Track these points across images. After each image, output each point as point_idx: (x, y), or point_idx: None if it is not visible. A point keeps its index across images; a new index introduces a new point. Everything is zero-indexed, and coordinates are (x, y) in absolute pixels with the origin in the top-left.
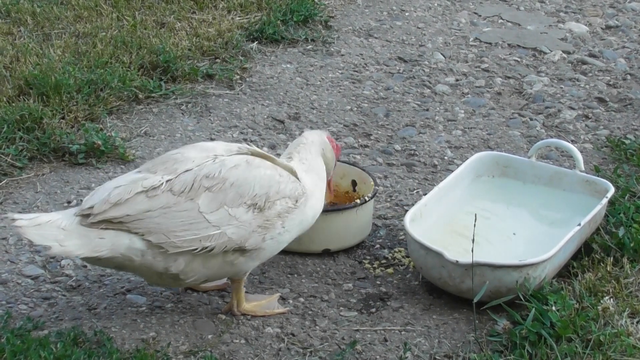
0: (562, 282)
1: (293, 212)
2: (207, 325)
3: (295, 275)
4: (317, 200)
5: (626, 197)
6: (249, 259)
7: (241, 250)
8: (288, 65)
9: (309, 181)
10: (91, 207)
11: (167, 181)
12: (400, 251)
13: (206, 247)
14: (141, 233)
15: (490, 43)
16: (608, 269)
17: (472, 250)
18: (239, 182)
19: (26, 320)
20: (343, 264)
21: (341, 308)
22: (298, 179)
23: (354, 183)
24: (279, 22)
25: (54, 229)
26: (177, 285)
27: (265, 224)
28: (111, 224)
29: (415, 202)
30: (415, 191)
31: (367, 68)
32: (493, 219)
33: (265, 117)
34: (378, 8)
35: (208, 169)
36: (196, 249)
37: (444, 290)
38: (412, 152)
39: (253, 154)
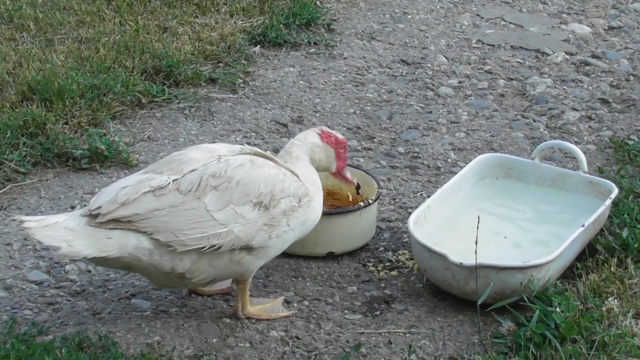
0: (567, 284)
1: (297, 211)
2: (212, 329)
3: (300, 279)
4: (317, 204)
5: (630, 198)
6: (256, 258)
7: (248, 249)
8: (291, 69)
9: (310, 186)
10: (99, 208)
11: (173, 181)
12: (404, 254)
13: (214, 245)
14: (149, 232)
15: (492, 45)
16: (612, 270)
17: (476, 252)
18: (245, 181)
19: (31, 326)
20: (347, 266)
21: (345, 311)
22: (300, 179)
23: (357, 186)
24: (281, 25)
25: (62, 229)
26: (183, 285)
27: (271, 222)
28: (119, 223)
29: (419, 204)
30: (418, 194)
31: (370, 71)
32: (496, 220)
33: (269, 120)
34: (380, 11)
35: (214, 168)
36: (204, 247)
37: (448, 293)
38: (416, 154)
39: (255, 154)
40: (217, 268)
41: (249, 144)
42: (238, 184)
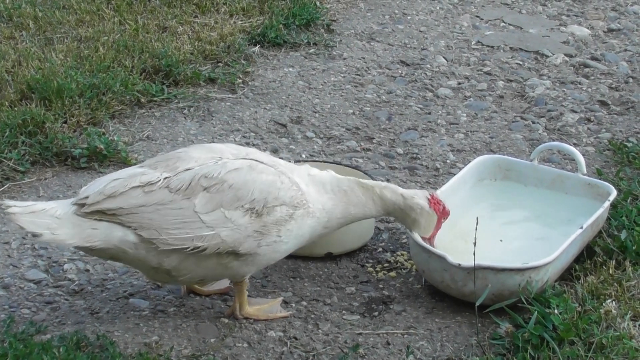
0: (565, 285)
1: (289, 223)
2: (210, 329)
3: (298, 279)
4: (319, 224)
5: (628, 200)
6: (244, 264)
7: (235, 254)
8: (290, 69)
9: (319, 203)
10: (86, 197)
11: (165, 178)
12: (402, 254)
13: (198, 247)
14: (133, 227)
15: (492, 46)
16: (610, 272)
17: (474, 254)
18: (238, 185)
19: (29, 325)
20: (345, 267)
21: (344, 312)
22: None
23: None
24: (281, 25)
25: (47, 217)
26: (174, 282)
27: (261, 230)
28: (105, 215)
29: None
30: None
31: (369, 72)
32: (495, 222)
33: (268, 120)
34: (380, 12)
35: (208, 169)
36: (187, 248)
37: (446, 294)
38: (415, 155)
39: (259, 162)
40: (205, 269)
41: (247, 144)
42: (231, 188)
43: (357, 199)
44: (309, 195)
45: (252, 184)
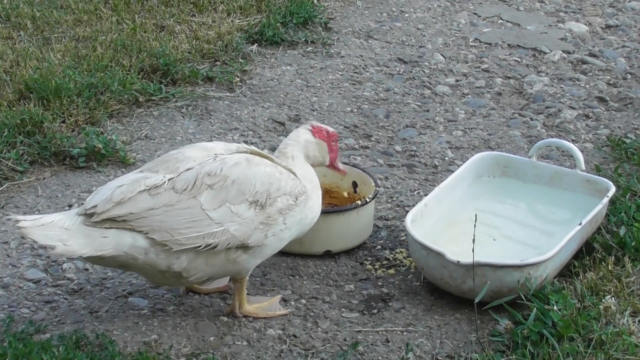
0: (564, 282)
1: (294, 209)
2: (209, 327)
3: (297, 277)
4: (315, 203)
5: (627, 196)
6: (252, 257)
7: (244, 247)
8: (288, 67)
9: (307, 184)
10: (94, 207)
11: (169, 179)
12: (401, 252)
13: (209, 244)
14: (145, 231)
15: (490, 43)
16: (609, 268)
17: (473, 251)
18: (240, 180)
19: (28, 324)
20: (344, 265)
21: (343, 309)
22: (297, 177)
23: (354, 184)
24: (278, 24)
25: (57, 229)
26: (180, 284)
27: (267, 221)
28: (115, 222)
29: (416, 202)
30: (416, 192)
31: (367, 69)
32: (494, 219)
33: (266, 119)
34: (378, 9)
35: (209, 166)
36: (200, 246)
37: (445, 291)
38: (413, 153)
39: (252, 153)
40: (214, 267)
41: (246, 142)
42: (234, 183)
43: (306, 172)
44: (304, 179)
45: (253, 177)
